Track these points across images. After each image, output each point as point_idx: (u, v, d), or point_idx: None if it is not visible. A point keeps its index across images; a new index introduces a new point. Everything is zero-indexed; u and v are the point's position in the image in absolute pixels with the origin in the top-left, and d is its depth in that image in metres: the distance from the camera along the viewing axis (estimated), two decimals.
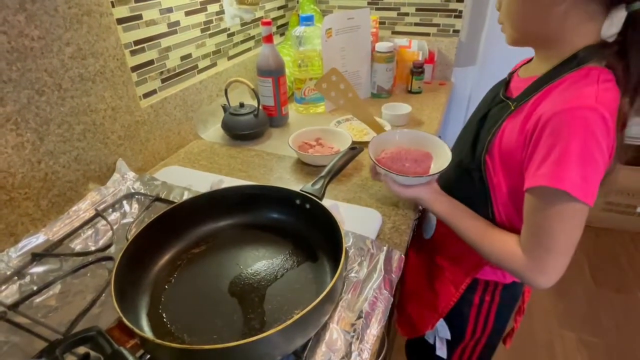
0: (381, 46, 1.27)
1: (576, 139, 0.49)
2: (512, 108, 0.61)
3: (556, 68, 0.57)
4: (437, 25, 1.46)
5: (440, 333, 0.84)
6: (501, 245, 0.62)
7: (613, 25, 0.51)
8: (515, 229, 0.62)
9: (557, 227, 0.54)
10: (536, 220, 0.56)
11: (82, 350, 0.46)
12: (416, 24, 1.48)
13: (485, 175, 0.65)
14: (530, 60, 0.69)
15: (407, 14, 1.48)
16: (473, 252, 0.67)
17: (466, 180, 0.69)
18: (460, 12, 1.40)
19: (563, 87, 0.55)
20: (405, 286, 0.95)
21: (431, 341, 0.87)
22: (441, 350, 0.86)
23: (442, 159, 0.71)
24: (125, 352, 0.41)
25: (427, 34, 1.48)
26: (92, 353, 0.46)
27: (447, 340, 0.84)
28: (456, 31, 1.44)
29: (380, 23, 1.50)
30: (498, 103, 0.67)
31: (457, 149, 0.75)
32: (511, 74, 0.72)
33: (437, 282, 0.80)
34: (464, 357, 0.87)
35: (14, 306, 0.58)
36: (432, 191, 0.70)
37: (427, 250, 0.85)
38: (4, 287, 0.61)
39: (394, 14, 1.49)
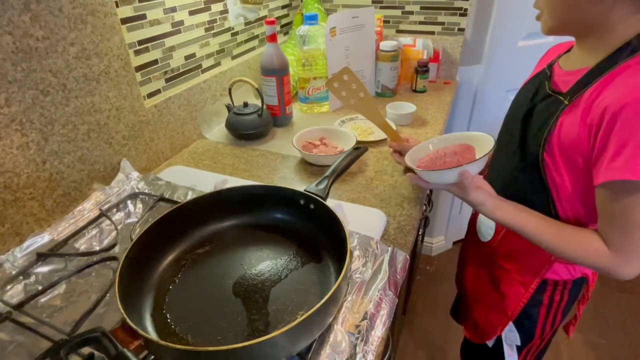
0: (385, 45, 1.27)
1: None
2: (567, 103, 0.60)
3: (609, 57, 0.56)
4: (442, 23, 1.44)
5: (508, 339, 0.82)
6: (582, 243, 0.60)
7: None
8: (581, 224, 0.63)
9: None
10: (618, 213, 0.55)
11: (86, 350, 0.46)
12: (421, 23, 1.47)
13: (545, 173, 0.64)
14: (568, 51, 0.68)
15: (411, 13, 1.47)
16: (540, 251, 0.65)
17: (522, 180, 0.68)
18: (466, 10, 1.39)
19: (624, 75, 0.54)
20: (467, 292, 0.95)
21: (490, 345, 0.86)
22: (511, 357, 0.83)
23: (484, 146, 0.67)
24: (129, 354, 0.40)
25: (432, 33, 1.47)
26: (97, 353, 0.46)
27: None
28: (461, 29, 1.43)
29: (385, 22, 1.49)
30: (545, 98, 0.65)
31: (502, 149, 0.74)
32: (550, 67, 0.70)
33: (503, 284, 0.79)
34: (528, 357, 0.86)
35: (19, 306, 0.58)
36: (494, 197, 0.66)
37: (487, 254, 0.83)
38: (9, 287, 0.61)
39: (398, 12, 1.48)
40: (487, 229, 0.82)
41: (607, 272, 0.59)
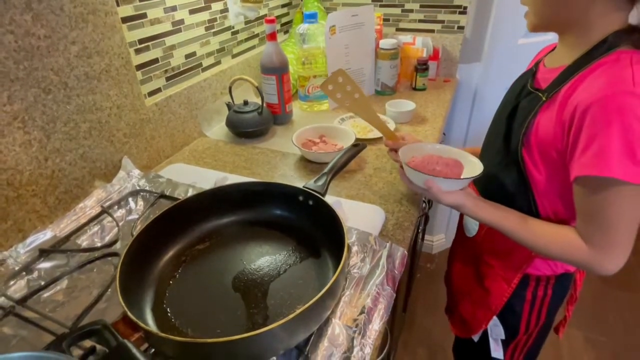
0: (385, 43, 1.27)
1: (617, 125, 0.49)
2: (544, 99, 0.61)
3: (585, 55, 0.57)
4: (442, 21, 1.45)
5: (493, 333, 0.83)
6: (560, 240, 0.61)
7: None
8: (562, 221, 0.64)
9: (615, 213, 0.53)
10: (591, 209, 0.56)
11: (88, 343, 0.47)
12: (420, 21, 1.47)
13: (525, 170, 0.64)
14: (554, 49, 0.69)
15: (411, 11, 1.47)
16: (521, 247, 0.66)
17: (503, 176, 0.69)
18: (465, 8, 1.39)
19: (597, 73, 0.54)
20: (453, 287, 0.95)
21: (476, 340, 0.87)
22: (497, 352, 0.84)
23: (472, 168, 0.70)
24: (130, 345, 0.41)
25: (432, 31, 1.47)
26: (98, 346, 0.47)
27: (501, 339, 0.83)
28: (461, 27, 1.43)
29: (385, 20, 1.50)
30: (527, 95, 0.66)
31: (489, 146, 0.75)
32: (537, 64, 0.71)
33: (488, 279, 0.80)
34: (515, 353, 0.86)
35: (22, 301, 0.59)
36: (473, 197, 0.67)
37: (473, 249, 0.84)
38: (12, 282, 0.62)
39: (398, 10, 1.48)
40: (472, 224, 0.83)
41: (588, 268, 0.59)
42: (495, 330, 0.82)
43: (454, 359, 1.10)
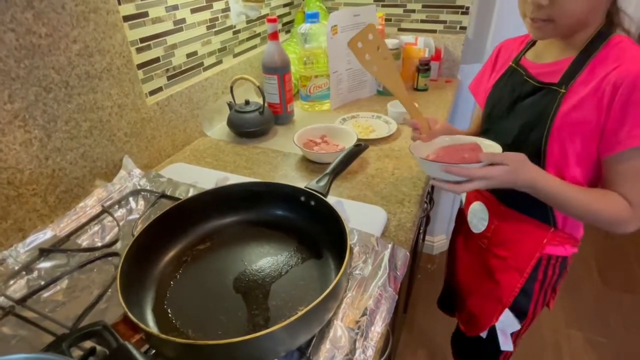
0: (387, 43, 1.27)
1: None
2: (564, 91, 0.65)
3: (589, 45, 0.64)
4: (444, 22, 1.44)
5: (505, 325, 0.84)
6: (611, 203, 0.64)
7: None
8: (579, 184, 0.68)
9: None
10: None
11: (88, 344, 0.46)
12: (422, 21, 1.47)
13: (545, 156, 0.68)
14: (533, 44, 0.74)
15: (413, 11, 1.46)
16: (533, 234, 0.70)
17: None
18: (467, 8, 1.39)
19: (612, 54, 0.62)
20: (460, 284, 0.96)
21: (484, 336, 0.87)
22: (506, 345, 0.86)
23: (487, 146, 0.69)
24: (130, 347, 0.41)
25: (434, 31, 1.47)
26: (98, 347, 0.46)
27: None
28: (463, 28, 1.43)
29: (386, 20, 1.49)
30: (534, 91, 0.69)
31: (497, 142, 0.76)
32: (518, 63, 0.75)
33: (498, 272, 0.81)
34: (518, 338, 0.88)
35: (22, 300, 0.58)
36: (537, 167, 0.66)
37: (480, 244, 0.85)
38: (12, 282, 0.62)
39: (400, 10, 1.48)
40: (480, 220, 0.83)
41: (622, 226, 0.64)
42: (507, 321, 0.83)
43: (455, 357, 1.09)
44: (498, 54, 0.86)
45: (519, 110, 0.72)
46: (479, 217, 0.84)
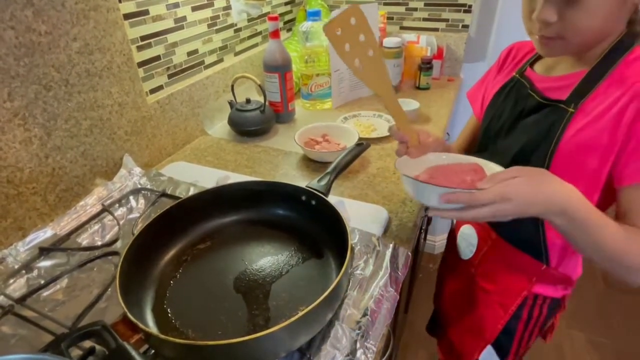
0: (389, 42, 1.26)
1: None
2: (572, 110, 0.57)
3: (605, 58, 0.56)
4: (446, 20, 1.44)
5: None
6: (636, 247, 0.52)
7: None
8: None
9: None
10: None
11: (87, 344, 0.46)
12: (425, 19, 1.46)
13: None
14: (539, 56, 0.65)
15: (415, 9, 1.46)
16: (522, 270, 0.60)
17: None
18: (470, 6, 1.38)
19: (634, 68, 0.53)
20: (444, 310, 0.91)
21: None
22: None
23: (491, 168, 0.58)
24: (129, 347, 0.40)
25: (436, 29, 1.46)
26: (97, 347, 0.46)
27: None
28: (465, 26, 1.42)
29: (388, 18, 1.49)
30: (538, 108, 0.61)
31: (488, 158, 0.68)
32: (522, 74, 0.66)
33: (482, 306, 0.75)
34: None
35: (22, 300, 0.58)
36: (566, 183, 0.50)
37: (466, 273, 0.79)
38: (12, 281, 0.62)
39: (402, 9, 1.47)
40: (468, 245, 0.76)
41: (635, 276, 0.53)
42: (489, 358, 0.77)
43: None
44: (507, 57, 0.76)
45: (520, 128, 0.64)
46: (467, 242, 0.77)
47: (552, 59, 0.64)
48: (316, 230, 0.66)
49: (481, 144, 0.73)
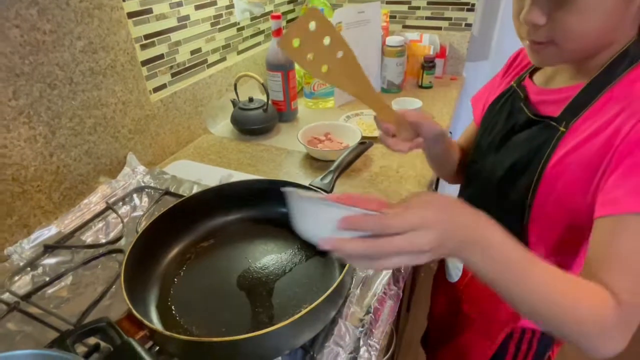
0: (392, 40, 1.26)
1: None
2: (563, 129, 0.50)
3: (606, 71, 0.48)
4: (449, 19, 1.43)
5: None
6: (590, 297, 0.41)
7: None
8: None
9: None
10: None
11: (92, 340, 0.46)
12: (427, 18, 1.46)
13: (529, 218, 0.54)
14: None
15: (418, 8, 1.46)
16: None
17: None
18: (473, 5, 1.38)
19: (635, 89, 0.45)
20: (434, 329, 0.87)
21: None
22: None
23: None
24: (134, 343, 0.41)
25: (439, 28, 1.46)
26: (102, 343, 0.47)
27: None
28: (468, 25, 1.42)
29: (391, 17, 1.48)
30: (529, 124, 0.55)
31: (478, 176, 0.64)
32: (520, 83, 0.60)
33: (468, 333, 0.71)
34: None
35: (27, 297, 0.58)
36: (482, 214, 0.40)
37: (453, 296, 0.74)
38: (17, 278, 0.62)
39: (404, 7, 1.47)
40: (454, 268, 0.72)
41: (600, 336, 0.42)
42: None
43: None
44: (513, 62, 0.69)
45: (511, 145, 0.57)
46: (454, 265, 0.71)
47: (552, 69, 0.57)
48: None
49: (473, 156, 0.68)
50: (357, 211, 0.35)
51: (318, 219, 0.38)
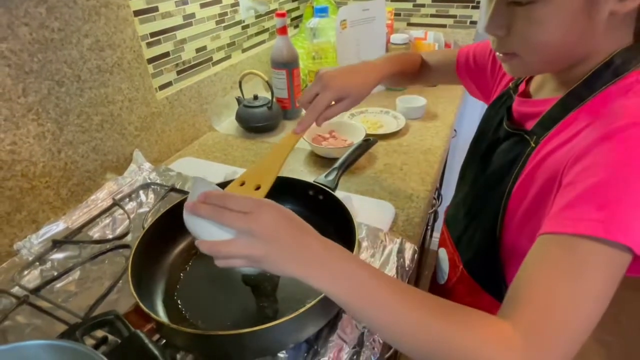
0: (396, 38, 1.26)
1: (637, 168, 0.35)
2: (533, 145, 0.48)
3: (585, 83, 0.45)
4: (454, 16, 1.43)
5: None
6: (478, 324, 0.38)
7: None
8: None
9: (594, 293, 0.40)
10: (558, 279, 0.38)
11: (100, 333, 0.47)
12: (432, 15, 1.46)
13: (501, 228, 0.52)
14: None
15: (423, 5, 1.45)
16: (486, 310, 0.41)
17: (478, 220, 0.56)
18: (478, 2, 1.37)
19: (609, 106, 0.41)
20: None
21: None
22: None
23: None
24: (142, 335, 0.41)
25: (444, 26, 1.46)
26: (110, 336, 0.47)
27: None
28: (473, 22, 1.41)
29: (396, 14, 1.48)
30: (508, 136, 0.53)
31: (466, 188, 0.64)
32: (517, 87, 0.58)
33: None
34: None
35: (36, 290, 0.59)
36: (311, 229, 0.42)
37: (442, 297, 0.73)
38: (26, 272, 0.63)
39: (409, 5, 1.47)
40: (441, 270, 0.71)
41: None
42: None
43: None
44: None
45: (495, 156, 0.56)
46: (440, 267, 0.71)
47: (541, 77, 0.54)
48: (323, 224, 0.66)
49: (467, 159, 0.67)
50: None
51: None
